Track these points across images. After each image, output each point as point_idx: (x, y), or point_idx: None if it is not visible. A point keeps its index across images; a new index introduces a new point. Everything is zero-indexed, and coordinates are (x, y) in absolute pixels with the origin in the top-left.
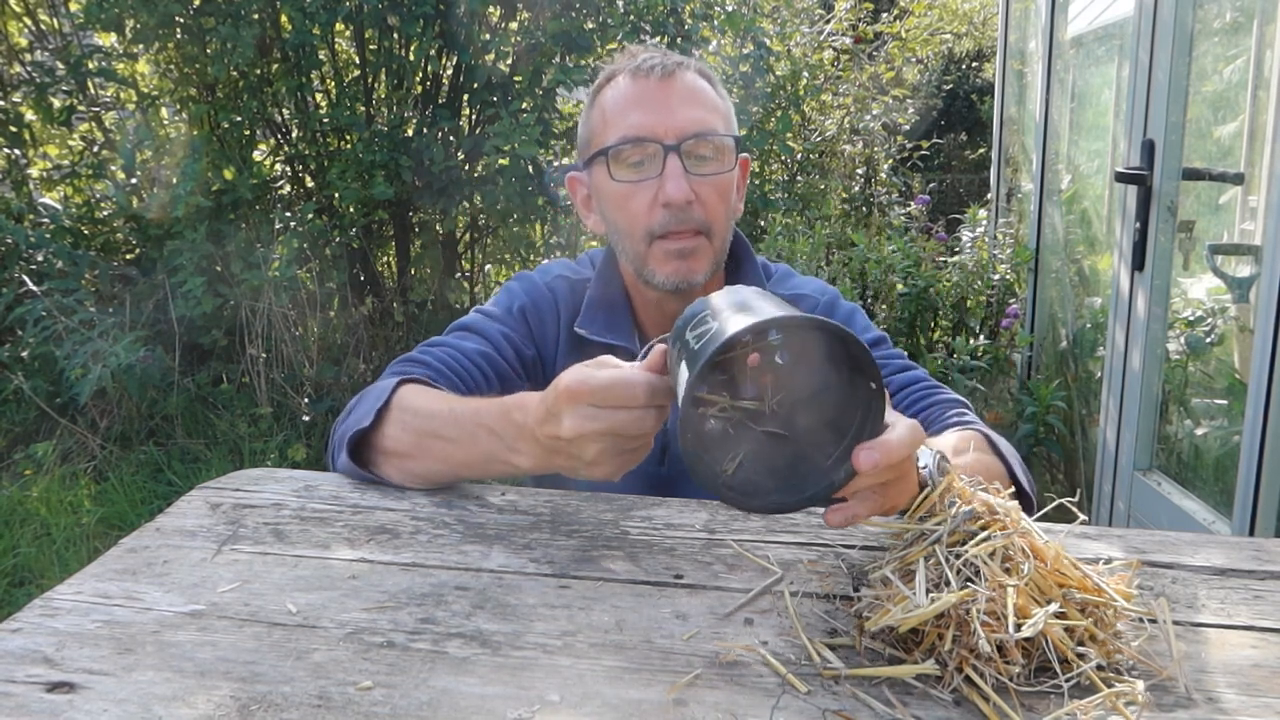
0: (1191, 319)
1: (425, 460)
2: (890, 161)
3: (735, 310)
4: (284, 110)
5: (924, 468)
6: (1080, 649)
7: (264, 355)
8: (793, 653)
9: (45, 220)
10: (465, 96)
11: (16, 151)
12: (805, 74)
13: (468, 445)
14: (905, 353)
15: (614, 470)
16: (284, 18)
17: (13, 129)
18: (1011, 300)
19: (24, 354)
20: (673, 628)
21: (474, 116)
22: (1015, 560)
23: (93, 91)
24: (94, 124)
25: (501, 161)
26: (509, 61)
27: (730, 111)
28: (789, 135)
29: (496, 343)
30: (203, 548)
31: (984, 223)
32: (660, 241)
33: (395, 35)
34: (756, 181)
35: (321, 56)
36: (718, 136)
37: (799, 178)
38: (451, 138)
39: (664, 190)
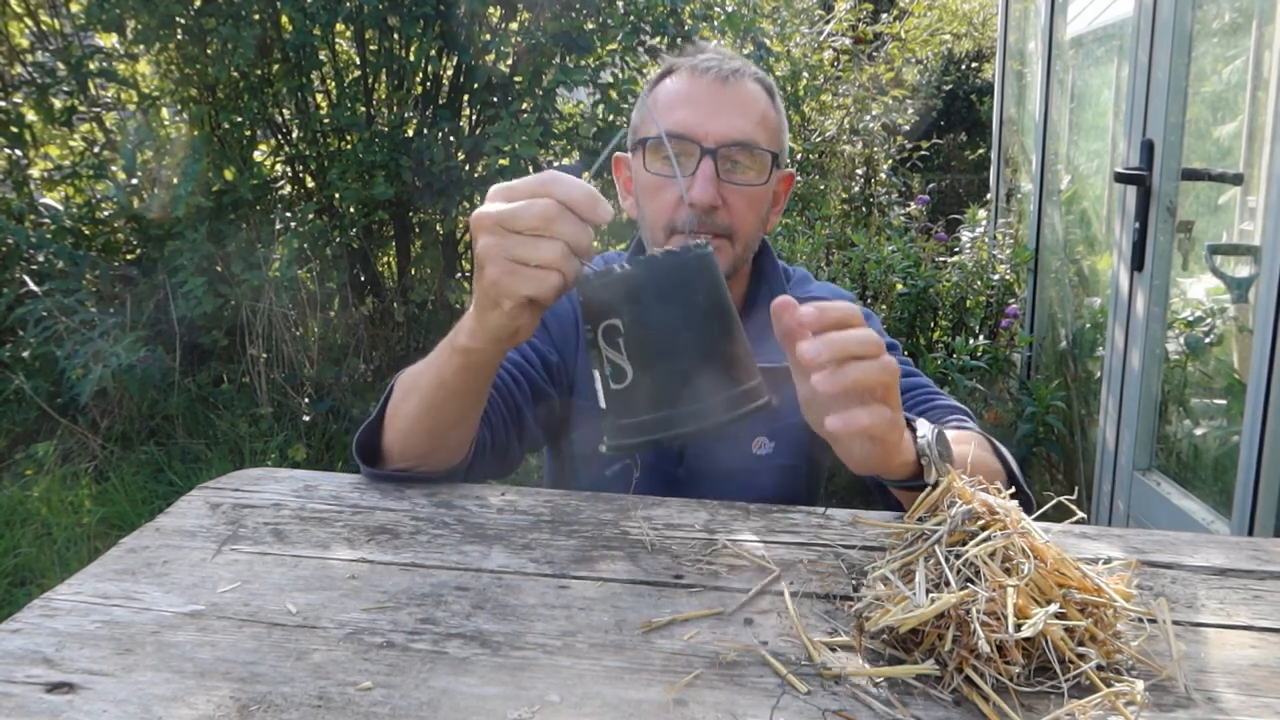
0: (1191, 319)
1: (405, 404)
2: (890, 162)
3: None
4: (284, 111)
5: (922, 437)
6: (1080, 649)
7: (264, 355)
8: (793, 653)
9: (46, 220)
10: (465, 97)
11: (17, 152)
12: (805, 74)
13: (432, 360)
14: (909, 359)
15: (506, 283)
16: (284, 18)
17: (14, 129)
18: (1011, 300)
19: (25, 354)
20: (673, 628)
21: (474, 117)
22: (1015, 560)
23: (94, 92)
24: (95, 124)
25: (502, 162)
26: (509, 62)
27: (782, 126)
28: (789, 135)
29: (524, 351)
30: (203, 548)
31: (983, 223)
32: (679, 236)
33: (396, 36)
34: None
35: (322, 57)
36: (757, 150)
37: (799, 178)
38: (452, 138)
39: (691, 191)
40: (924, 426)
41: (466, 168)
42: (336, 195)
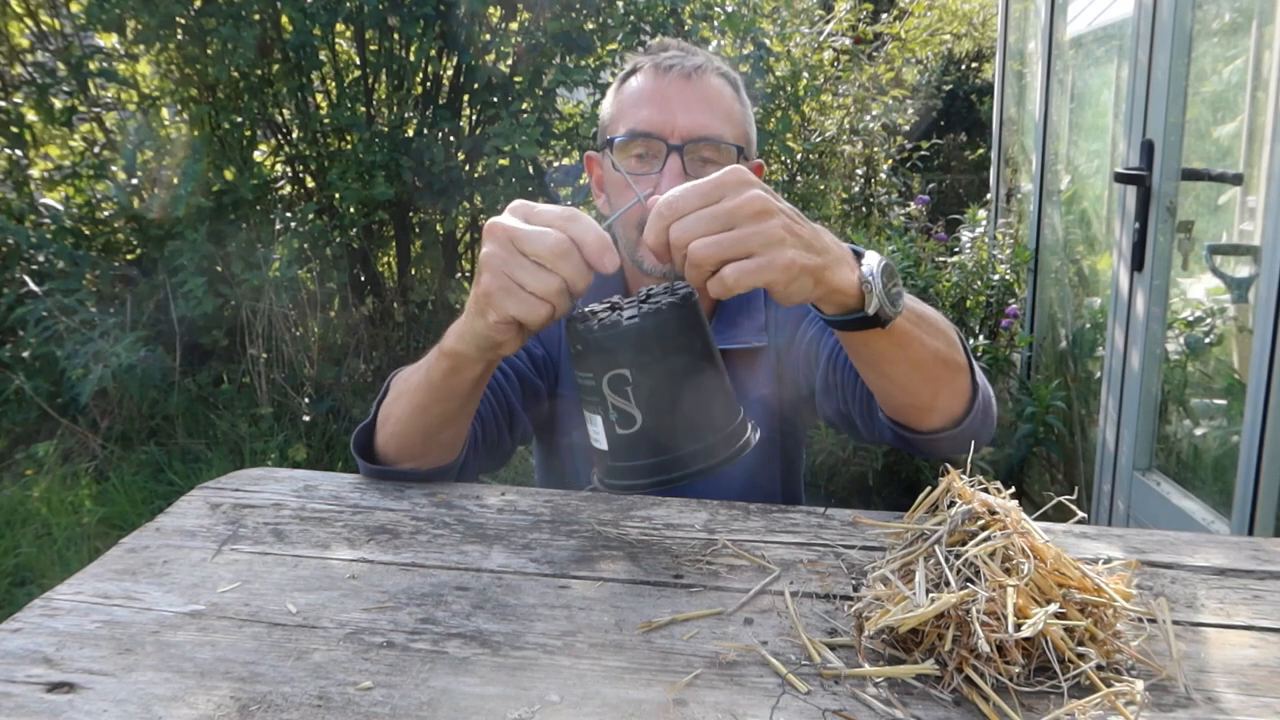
0: (1190, 319)
1: (396, 406)
2: (890, 162)
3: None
4: (284, 111)
5: (865, 266)
6: (1080, 649)
7: (264, 355)
8: (793, 653)
9: (47, 221)
10: (466, 97)
11: (18, 152)
12: (805, 74)
13: (423, 363)
14: None
15: (498, 298)
16: (284, 18)
17: (14, 129)
18: (1011, 300)
19: (25, 354)
20: (673, 628)
21: (474, 117)
22: (1015, 560)
23: (94, 92)
24: (95, 124)
25: (502, 162)
26: (509, 62)
27: (747, 118)
28: (789, 136)
29: None
30: (203, 548)
31: (983, 223)
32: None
33: (396, 36)
34: None
35: (322, 57)
36: (722, 144)
37: (799, 178)
38: (452, 138)
39: (659, 188)
40: (872, 258)
41: (466, 168)
42: (336, 195)
